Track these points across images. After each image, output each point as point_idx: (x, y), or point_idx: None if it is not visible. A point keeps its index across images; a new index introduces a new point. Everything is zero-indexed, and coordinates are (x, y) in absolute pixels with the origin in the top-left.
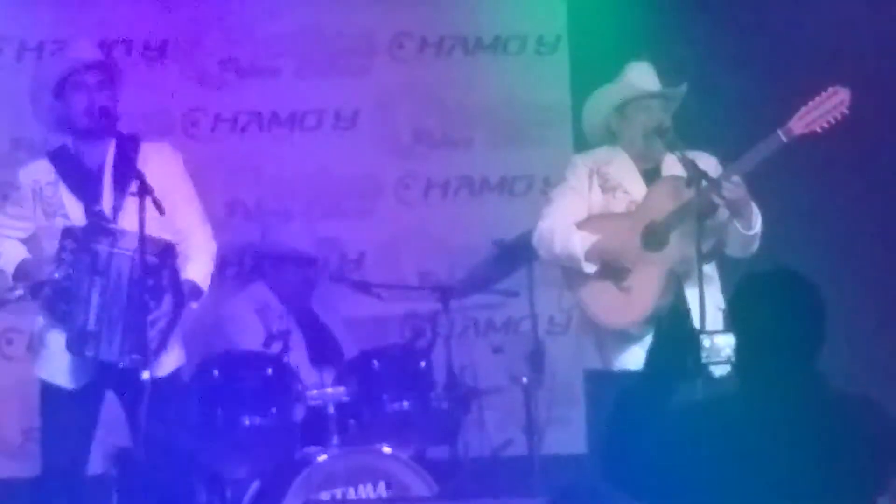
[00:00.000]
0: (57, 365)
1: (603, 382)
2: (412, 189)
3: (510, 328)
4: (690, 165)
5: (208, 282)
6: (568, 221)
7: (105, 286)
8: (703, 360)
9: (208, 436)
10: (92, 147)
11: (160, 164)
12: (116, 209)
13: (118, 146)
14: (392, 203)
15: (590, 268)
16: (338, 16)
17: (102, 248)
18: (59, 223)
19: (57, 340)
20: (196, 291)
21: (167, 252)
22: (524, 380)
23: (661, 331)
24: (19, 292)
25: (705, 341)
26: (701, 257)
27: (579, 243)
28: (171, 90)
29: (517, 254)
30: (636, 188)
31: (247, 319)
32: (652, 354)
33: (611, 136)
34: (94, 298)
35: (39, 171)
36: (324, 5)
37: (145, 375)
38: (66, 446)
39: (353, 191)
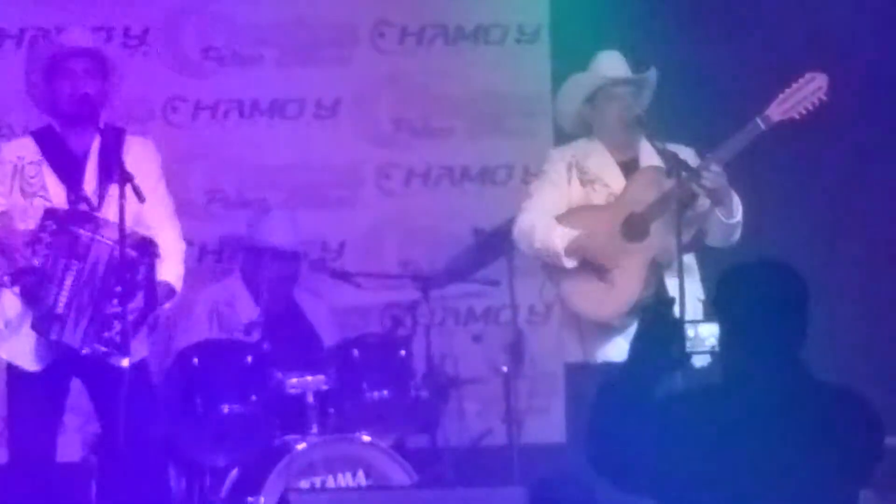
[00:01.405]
0: (20, 346)
1: (584, 375)
2: (393, 178)
3: (490, 317)
4: (670, 156)
5: (181, 283)
6: (548, 215)
7: (80, 271)
8: (688, 350)
9: (187, 423)
10: (78, 133)
11: (140, 158)
12: (101, 197)
13: (103, 135)
14: (373, 192)
15: (570, 263)
16: (319, 4)
17: (84, 233)
18: (39, 203)
19: (23, 321)
20: (170, 293)
21: (146, 247)
22: (504, 369)
23: (646, 321)
24: (3, 279)
25: (689, 331)
26: (682, 247)
27: (559, 238)
28: (152, 78)
29: (497, 243)
30: (615, 180)
31: (226, 308)
32: (636, 344)
33: (586, 127)
34: (68, 282)
35: (23, 149)
36: None
37: (124, 363)
38: (31, 430)
39: (334, 180)
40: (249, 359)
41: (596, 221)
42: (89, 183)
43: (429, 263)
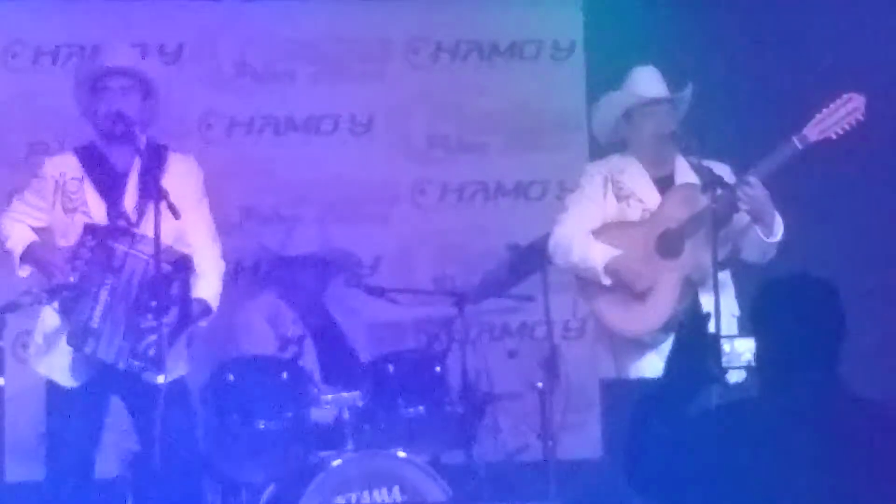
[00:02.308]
0: (57, 362)
1: (619, 391)
2: (427, 194)
3: (525, 333)
4: (705, 172)
5: (218, 301)
6: (584, 230)
7: (115, 286)
8: (724, 365)
9: (223, 440)
10: (120, 150)
11: (182, 176)
12: (140, 214)
13: (145, 152)
14: (407, 208)
15: (607, 280)
16: (354, 21)
17: (120, 247)
18: (79, 220)
19: (60, 337)
20: (206, 310)
21: (182, 263)
22: (539, 385)
23: (682, 336)
24: (41, 296)
25: (725, 346)
26: (717, 264)
27: (599, 256)
28: (187, 94)
29: (532, 258)
30: (650, 196)
31: (262, 325)
32: (672, 360)
33: (621, 142)
34: (103, 296)
35: (65, 165)
36: (340, 10)
37: (160, 380)
38: (69, 446)
39: (369, 196)
40: (285, 375)
41: (631, 237)
42: (129, 199)
43: (464, 279)
